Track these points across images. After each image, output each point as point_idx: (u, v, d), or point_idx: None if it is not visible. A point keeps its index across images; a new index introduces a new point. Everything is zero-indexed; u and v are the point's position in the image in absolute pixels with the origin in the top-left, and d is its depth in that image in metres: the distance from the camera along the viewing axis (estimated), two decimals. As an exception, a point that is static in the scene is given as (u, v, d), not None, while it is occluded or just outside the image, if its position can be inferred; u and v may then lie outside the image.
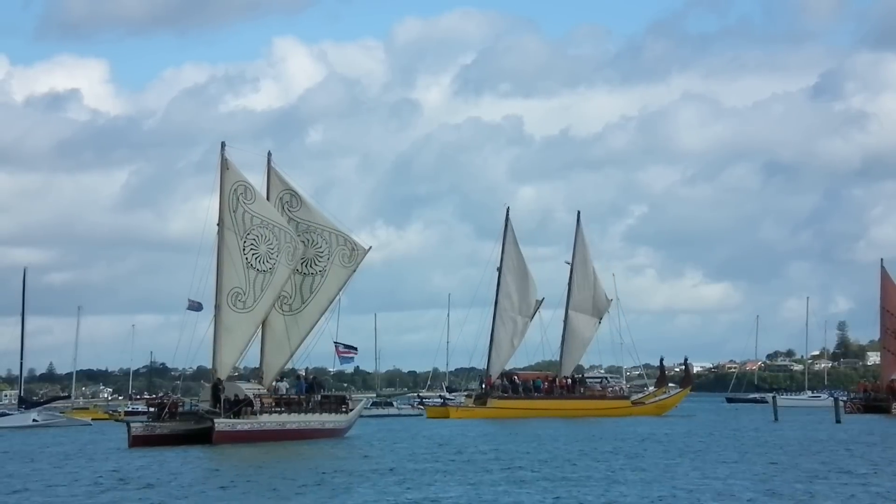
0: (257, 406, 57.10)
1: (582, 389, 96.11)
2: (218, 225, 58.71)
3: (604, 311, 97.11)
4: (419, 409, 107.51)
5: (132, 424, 57.31)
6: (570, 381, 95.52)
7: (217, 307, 58.26)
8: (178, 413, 57.43)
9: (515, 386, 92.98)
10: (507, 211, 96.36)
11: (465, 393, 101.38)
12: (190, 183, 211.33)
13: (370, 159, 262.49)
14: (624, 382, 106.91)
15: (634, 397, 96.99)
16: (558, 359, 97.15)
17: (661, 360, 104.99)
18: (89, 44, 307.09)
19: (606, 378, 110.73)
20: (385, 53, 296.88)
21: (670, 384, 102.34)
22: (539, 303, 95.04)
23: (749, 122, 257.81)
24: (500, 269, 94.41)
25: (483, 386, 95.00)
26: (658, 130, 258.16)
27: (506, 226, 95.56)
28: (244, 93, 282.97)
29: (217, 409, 56.30)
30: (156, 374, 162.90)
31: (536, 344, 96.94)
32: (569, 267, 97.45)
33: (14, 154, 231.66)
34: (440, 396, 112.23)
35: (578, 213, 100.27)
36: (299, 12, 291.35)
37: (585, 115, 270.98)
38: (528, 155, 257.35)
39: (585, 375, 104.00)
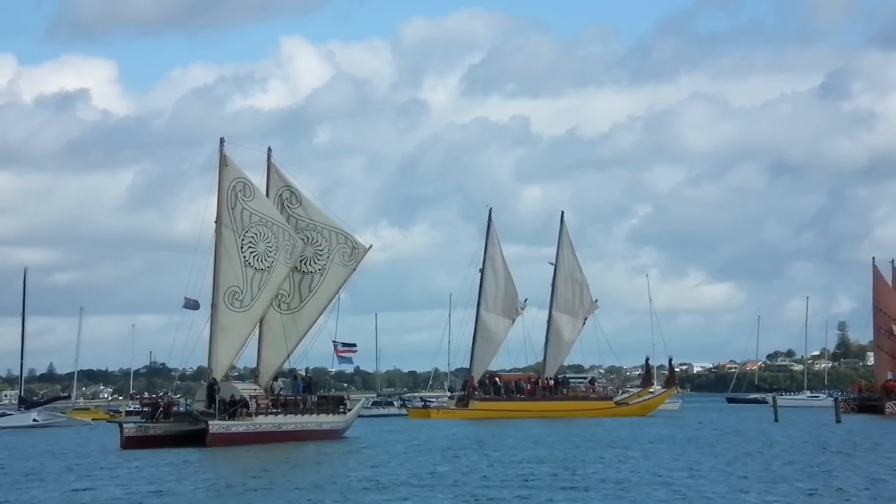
0: (253, 407, 52.11)
1: (565, 390, 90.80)
2: (216, 223, 53.63)
3: (587, 313, 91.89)
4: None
5: (125, 425, 52.24)
6: (552, 382, 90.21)
7: (214, 306, 53.25)
8: (173, 413, 52.59)
9: (498, 387, 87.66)
10: (490, 212, 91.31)
11: (448, 395, 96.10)
12: (195, 183, 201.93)
13: (377, 159, 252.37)
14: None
15: (618, 398, 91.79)
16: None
17: (647, 359, 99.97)
18: (97, 44, 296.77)
19: (589, 378, 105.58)
20: (392, 54, 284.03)
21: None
22: (523, 303, 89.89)
23: (757, 121, 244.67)
24: (482, 271, 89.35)
25: (466, 387, 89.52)
26: (665, 130, 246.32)
27: (488, 226, 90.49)
28: (252, 93, 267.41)
29: (212, 410, 51.31)
30: (156, 374, 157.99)
31: (522, 345, 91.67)
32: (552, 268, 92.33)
33: (22, 154, 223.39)
34: (421, 398, 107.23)
35: (562, 213, 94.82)
36: (310, 13, 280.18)
37: (593, 116, 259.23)
38: (534, 155, 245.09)
39: (567, 376, 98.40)
